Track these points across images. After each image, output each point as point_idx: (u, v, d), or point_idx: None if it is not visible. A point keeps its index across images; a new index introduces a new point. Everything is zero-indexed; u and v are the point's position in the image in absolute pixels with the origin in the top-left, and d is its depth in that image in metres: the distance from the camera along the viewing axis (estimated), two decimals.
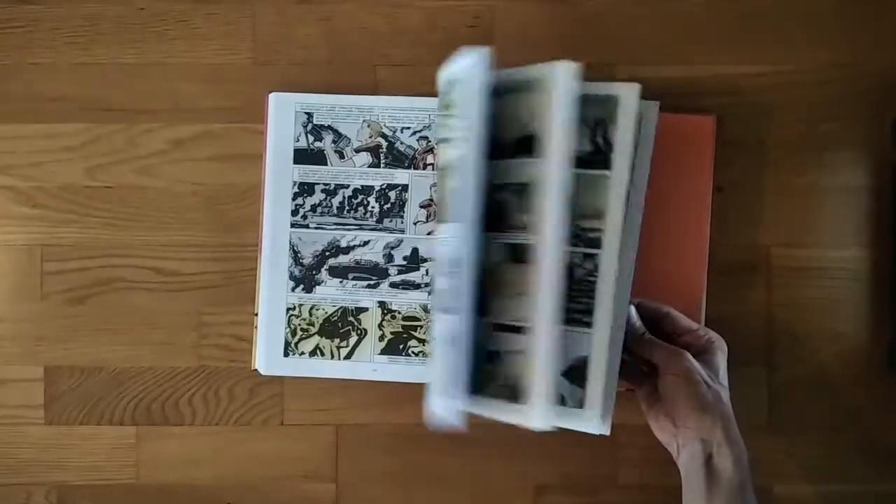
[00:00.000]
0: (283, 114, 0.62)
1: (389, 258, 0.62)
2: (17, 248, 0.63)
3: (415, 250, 0.62)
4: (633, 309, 0.56)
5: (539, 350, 0.53)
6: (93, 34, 0.63)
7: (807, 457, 0.63)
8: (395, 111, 0.62)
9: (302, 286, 0.62)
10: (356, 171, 0.62)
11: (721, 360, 0.55)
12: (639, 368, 0.58)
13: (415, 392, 0.61)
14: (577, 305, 0.54)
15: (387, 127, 0.62)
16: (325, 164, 0.62)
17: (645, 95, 0.62)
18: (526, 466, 0.63)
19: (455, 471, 0.63)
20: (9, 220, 0.63)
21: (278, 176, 0.62)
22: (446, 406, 0.53)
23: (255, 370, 0.62)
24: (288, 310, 0.62)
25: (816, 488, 0.63)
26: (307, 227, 0.62)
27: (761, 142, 0.63)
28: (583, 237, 0.54)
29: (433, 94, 0.62)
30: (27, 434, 0.63)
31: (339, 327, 0.62)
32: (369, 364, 0.62)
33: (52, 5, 0.63)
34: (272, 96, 0.62)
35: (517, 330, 0.54)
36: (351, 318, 0.62)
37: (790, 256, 0.63)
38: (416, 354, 0.61)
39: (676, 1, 0.63)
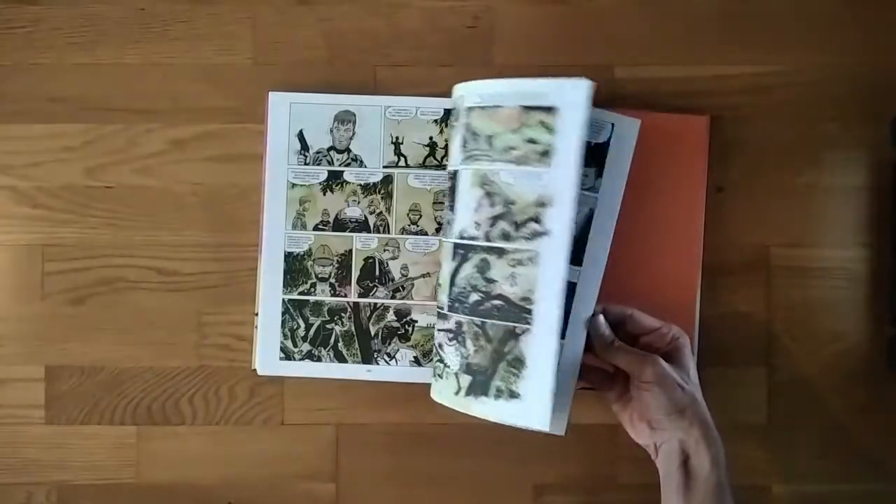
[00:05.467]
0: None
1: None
2: (18, 248, 0.63)
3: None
4: (601, 317, 0.56)
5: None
6: (93, 34, 0.63)
7: (806, 456, 0.63)
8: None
9: None
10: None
11: (688, 357, 0.55)
12: (606, 372, 0.58)
13: (415, 392, 0.61)
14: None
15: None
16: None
17: (645, 95, 0.63)
18: (526, 466, 0.63)
19: (455, 471, 0.63)
20: (9, 220, 0.63)
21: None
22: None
23: (255, 370, 0.62)
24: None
25: (816, 488, 0.63)
26: None
27: (761, 142, 0.63)
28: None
29: (432, 94, 0.62)
30: (28, 434, 0.64)
31: None
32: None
33: (53, 6, 0.63)
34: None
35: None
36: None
37: (790, 256, 0.63)
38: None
39: (675, 1, 0.63)
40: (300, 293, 0.62)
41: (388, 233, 0.62)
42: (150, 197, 0.63)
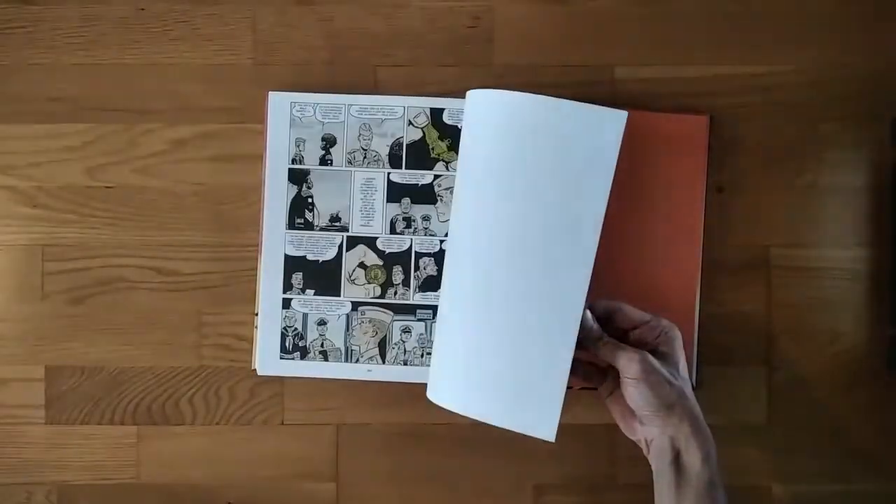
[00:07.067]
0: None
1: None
2: (18, 248, 0.63)
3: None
4: (588, 312, 0.55)
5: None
6: (93, 34, 0.63)
7: (806, 456, 0.63)
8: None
9: None
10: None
11: (678, 351, 0.55)
12: (598, 367, 0.57)
13: (415, 392, 0.61)
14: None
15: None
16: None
17: (645, 95, 0.63)
18: (526, 466, 0.63)
19: (455, 471, 0.63)
20: (9, 220, 0.63)
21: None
22: None
23: (255, 370, 0.62)
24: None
25: (816, 488, 0.63)
26: None
27: (761, 142, 0.63)
28: None
29: (434, 94, 0.62)
30: (28, 434, 0.64)
31: None
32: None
33: (53, 5, 0.63)
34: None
35: None
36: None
37: (790, 256, 0.63)
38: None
39: (675, 1, 0.63)
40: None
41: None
42: (150, 197, 0.63)
